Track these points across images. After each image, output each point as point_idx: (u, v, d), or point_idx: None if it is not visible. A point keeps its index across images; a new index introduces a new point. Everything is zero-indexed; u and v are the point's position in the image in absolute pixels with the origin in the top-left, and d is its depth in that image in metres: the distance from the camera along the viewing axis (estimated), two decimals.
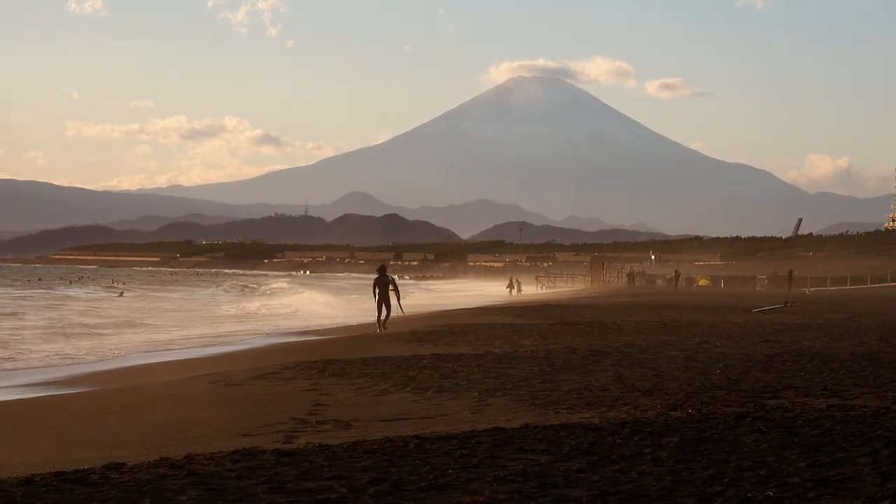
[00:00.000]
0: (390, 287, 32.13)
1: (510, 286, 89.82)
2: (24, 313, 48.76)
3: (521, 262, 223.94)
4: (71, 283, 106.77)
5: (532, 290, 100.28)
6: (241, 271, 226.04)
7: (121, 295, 76.98)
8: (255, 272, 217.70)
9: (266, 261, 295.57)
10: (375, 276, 32.51)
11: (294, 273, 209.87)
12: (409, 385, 16.57)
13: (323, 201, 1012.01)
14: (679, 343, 24.12)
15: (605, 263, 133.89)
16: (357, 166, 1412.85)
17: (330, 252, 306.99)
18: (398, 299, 32.96)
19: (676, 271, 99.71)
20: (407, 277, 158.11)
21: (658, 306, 45.67)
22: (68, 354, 27.67)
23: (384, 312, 31.67)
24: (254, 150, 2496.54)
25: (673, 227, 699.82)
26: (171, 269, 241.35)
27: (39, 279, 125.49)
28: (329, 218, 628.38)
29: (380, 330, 30.75)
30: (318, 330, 36.64)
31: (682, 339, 25.58)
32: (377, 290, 31.79)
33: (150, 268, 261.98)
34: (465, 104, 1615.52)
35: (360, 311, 49.32)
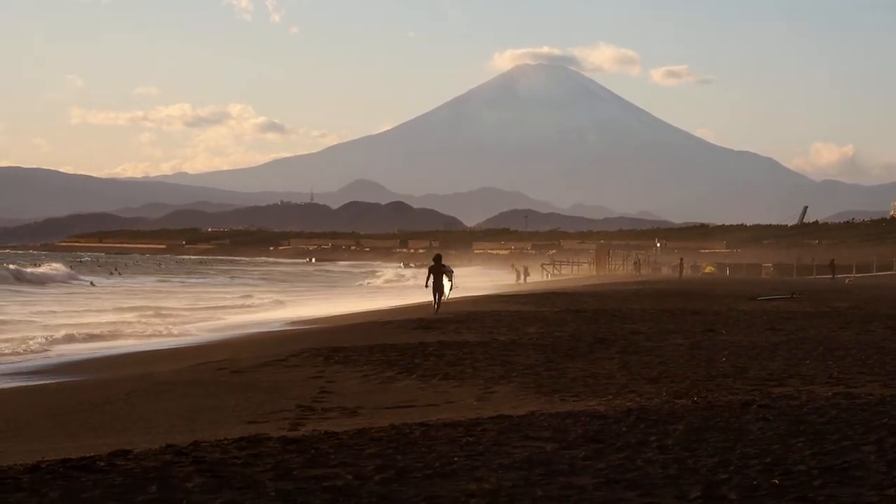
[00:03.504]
0: (444, 276, 33.53)
1: (518, 274, 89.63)
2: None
3: (527, 249, 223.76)
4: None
5: (537, 277, 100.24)
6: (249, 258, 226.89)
7: (91, 284, 76.32)
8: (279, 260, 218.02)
9: (272, 248, 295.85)
10: (431, 263, 34.10)
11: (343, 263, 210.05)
12: (415, 372, 16.59)
13: (328, 189, 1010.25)
14: (684, 331, 24.07)
15: (611, 251, 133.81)
16: (362, 154, 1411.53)
17: (335, 240, 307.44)
18: (450, 288, 34.28)
19: (681, 259, 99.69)
20: (412, 265, 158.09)
21: (663, 294, 45.63)
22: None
23: (437, 296, 33.17)
24: (258, 138, 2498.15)
25: (678, 215, 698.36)
26: (178, 257, 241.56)
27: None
28: (335, 205, 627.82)
29: (435, 311, 31.95)
30: (324, 318, 36.68)
31: (687, 326, 25.52)
32: (431, 277, 33.24)
33: (183, 255, 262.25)
34: (469, 92, 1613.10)
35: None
